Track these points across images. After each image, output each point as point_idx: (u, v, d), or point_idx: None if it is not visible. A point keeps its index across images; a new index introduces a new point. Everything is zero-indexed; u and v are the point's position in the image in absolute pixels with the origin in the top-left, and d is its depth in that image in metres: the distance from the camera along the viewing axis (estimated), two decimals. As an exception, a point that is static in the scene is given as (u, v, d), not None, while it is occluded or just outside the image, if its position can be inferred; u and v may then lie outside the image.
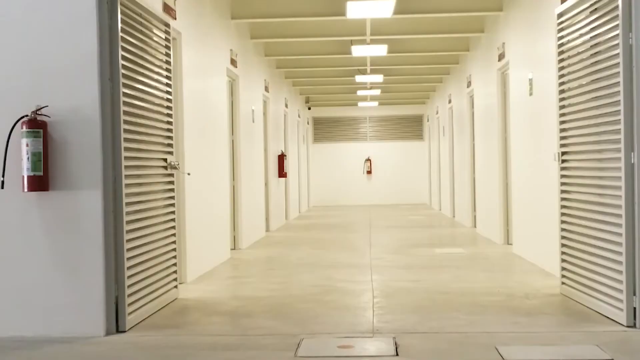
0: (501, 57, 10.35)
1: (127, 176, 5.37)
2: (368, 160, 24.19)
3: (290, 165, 17.32)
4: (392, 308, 6.04)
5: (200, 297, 6.72)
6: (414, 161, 24.15)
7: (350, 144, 24.30)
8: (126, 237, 5.29)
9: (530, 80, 8.49)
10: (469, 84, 13.66)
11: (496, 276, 7.72)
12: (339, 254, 9.88)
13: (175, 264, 6.53)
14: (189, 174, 7.43)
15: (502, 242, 10.67)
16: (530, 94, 8.52)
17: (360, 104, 22.61)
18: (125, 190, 5.30)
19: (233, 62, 10.33)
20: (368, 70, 15.86)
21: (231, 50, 10.22)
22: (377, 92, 19.00)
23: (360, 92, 19.06)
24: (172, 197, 6.53)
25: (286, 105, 16.85)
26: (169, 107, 6.50)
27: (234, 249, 10.73)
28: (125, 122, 5.37)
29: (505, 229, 10.66)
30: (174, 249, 6.53)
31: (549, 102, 7.58)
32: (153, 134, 6.05)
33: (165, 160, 6.34)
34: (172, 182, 6.53)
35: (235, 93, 10.79)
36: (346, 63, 15.04)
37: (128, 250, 5.34)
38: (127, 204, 5.35)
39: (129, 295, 5.33)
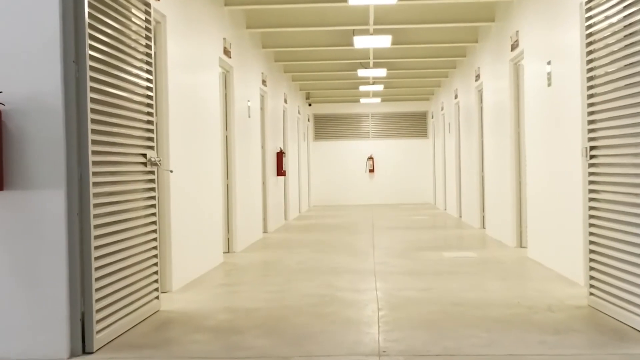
0: (514, 46, 9.64)
1: (96, 173, 4.67)
2: (370, 158, 23.49)
3: (289, 164, 16.63)
4: (400, 323, 5.34)
5: (185, 308, 6.02)
6: (417, 159, 23.44)
7: (352, 141, 23.60)
8: (94, 243, 4.59)
9: (549, 69, 7.79)
10: (477, 77, 12.95)
11: (513, 284, 7.02)
12: (340, 258, 9.18)
13: (156, 272, 5.84)
14: (171, 171, 6.74)
15: (515, 244, 9.98)
16: (549, 85, 7.82)
17: (362, 100, 21.91)
18: (93, 190, 4.60)
19: (226, 52, 9.64)
20: (371, 64, 15.16)
21: (224, 39, 9.52)
22: (379, 87, 18.30)
23: (362, 88, 18.37)
24: (153, 197, 5.84)
25: (285, 101, 16.15)
26: (149, 97, 5.80)
27: (228, 252, 10.05)
28: (94, 111, 4.67)
29: (518, 231, 9.96)
30: (155, 255, 5.84)
31: (572, 92, 6.88)
32: (130, 127, 5.36)
33: (144, 156, 5.64)
34: (153, 181, 5.84)
35: (230, 86, 10.10)
36: (348, 56, 14.34)
37: (97, 258, 4.64)
38: (96, 205, 4.66)
39: (98, 310, 4.64)
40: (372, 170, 23.52)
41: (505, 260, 8.70)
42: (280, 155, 14.48)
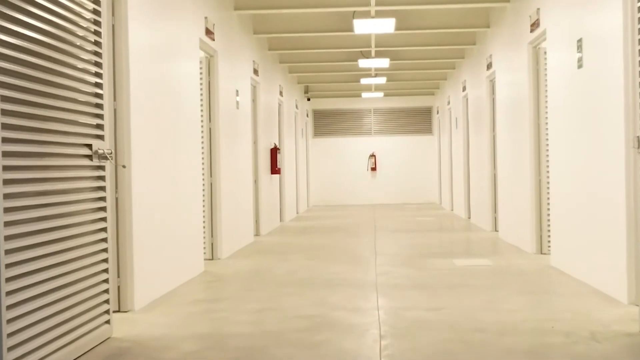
0: (534, 27, 8.52)
1: (8, 168, 3.57)
2: (372, 156, 22.38)
3: (285, 161, 15.52)
4: (408, 357, 4.23)
5: (144, 334, 4.92)
6: (422, 157, 22.33)
7: (353, 138, 22.48)
8: (5, 259, 3.49)
9: (580, 49, 6.67)
10: (489, 66, 11.83)
11: (540, 301, 5.90)
12: (338, 267, 8.08)
13: (106, 291, 4.73)
14: (124, 166, 5.62)
15: (535, 251, 8.86)
16: (580, 67, 6.70)
17: (364, 94, 20.79)
18: (4, 190, 3.50)
19: (209, 34, 8.54)
20: (372, 53, 14.04)
21: (206, 18, 8.41)
22: (382, 80, 17.18)
23: (363, 81, 17.24)
24: (103, 198, 4.73)
25: (281, 94, 15.04)
26: (97, 75, 4.70)
27: (212, 259, 8.94)
28: (4, 85, 3.57)
29: (539, 236, 8.84)
30: (105, 270, 4.73)
31: (613, 74, 5.77)
32: (67, 109, 4.25)
33: (89, 147, 4.54)
34: (102, 178, 4.73)
35: (214, 72, 8.99)
36: (348, 44, 13.23)
37: (9, 280, 3.53)
38: (8, 209, 3.55)
39: (11, 347, 3.53)
40: (374, 169, 22.41)
41: (526, 270, 7.58)
42: (274, 152, 13.38)
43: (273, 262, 8.67)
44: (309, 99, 20.54)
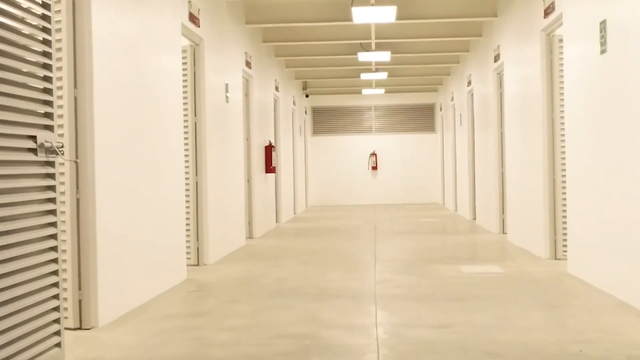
0: (548, 12, 7.81)
1: None
2: (373, 154, 21.67)
3: (282, 159, 14.82)
4: (411, 390, 3.52)
5: (103, 358, 4.21)
6: (424, 156, 21.61)
7: (353, 136, 21.77)
8: None
9: (603, 28, 5.95)
10: (496, 58, 11.12)
11: (562, 317, 5.19)
12: (334, 274, 7.37)
13: (56, 309, 4.03)
14: (76, 161, 4.91)
15: (548, 256, 8.15)
16: (603, 52, 5.98)
17: (364, 91, 20.07)
18: None
19: (193, 19, 7.83)
20: (373, 45, 13.33)
21: (189, 2, 7.70)
22: (383, 75, 16.45)
23: (364, 76, 16.51)
24: (52, 200, 4.03)
25: (277, 89, 14.33)
26: (46, 55, 3.99)
27: (197, 264, 8.24)
28: None
29: (553, 239, 8.14)
30: (55, 284, 4.03)
31: (636, 60, 5.05)
32: (6, 94, 3.55)
33: (33, 139, 3.83)
34: (51, 176, 4.03)
35: (199, 62, 8.28)
36: (347, 34, 12.52)
37: None
38: None
39: None
40: (375, 168, 21.70)
41: (540, 278, 6.86)
42: (269, 150, 12.67)
43: (263, 268, 7.96)
44: (307, 96, 19.83)
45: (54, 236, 4.03)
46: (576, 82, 6.81)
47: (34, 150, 3.84)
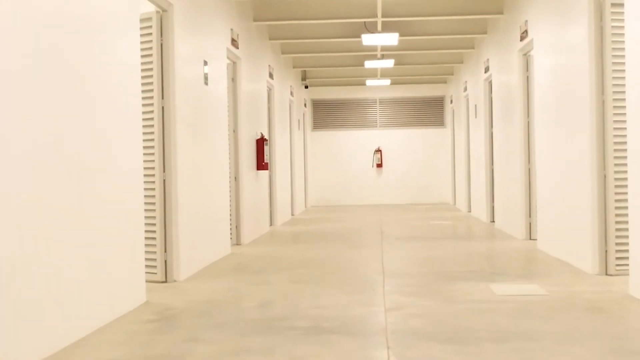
0: (600, -33, 6.27)
1: None
2: (378, 151, 20.12)
3: (277, 155, 13.28)
4: None
5: None
6: (433, 152, 20.06)
7: (356, 131, 20.22)
8: None
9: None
10: (523, 36, 9.56)
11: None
12: (331, 295, 5.84)
13: None
14: None
15: (597, 271, 6.61)
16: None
17: (368, 82, 18.50)
18: None
19: (158, -23, 6.30)
20: (379, 26, 11.78)
21: (151, -47, 6.18)
22: (389, 63, 14.88)
23: (368, 64, 14.94)
24: None
25: (271, 76, 12.80)
26: None
27: (165, 281, 6.71)
28: None
29: (603, 251, 6.59)
30: None
31: None
32: None
33: None
34: None
35: (167, 30, 6.75)
36: (350, 12, 10.99)
37: None
38: None
39: None
40: (379, 165, 20.15)
41: (598, 304, 5.32)
42: (261, 144, 11.14)
43: (246, 286, 6.42)
44: (306, 87, 18.27)
45: None
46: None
47: None
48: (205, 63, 7.93)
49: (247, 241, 10.21)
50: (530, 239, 9.78)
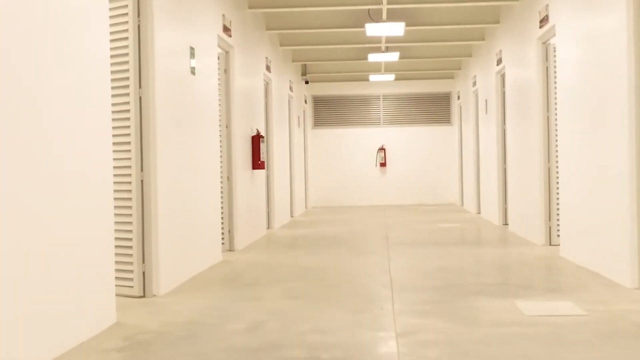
0: None
1: None
2: (382, 149, 19.29)
3: (274, 154, 12.46)
4: None
5: None
6: (439, 150, 19.24)
7: (359, 129, 19.39)
8: None
9: None
10: (543, 23, 8.72)
11: None
12: (331, 317, 5.01)
13: None
14: None
15: (637, 284, 5.78)
16: None
17: (371, 77, 17.66)
18: None
19: (132, -53, 5.47)
20: (383, 14, 10.95)
21: None
22: (394, 56, 14.03)
23: (372, 57, 14.10)
24: None
25: (268, 69, 11.97)
26: None
27: (143, 295, 5.88)
28: None
29: (644, 262, 5.76)
30: None
31: None
32: None
33: None
34: None
35: (146, 13, 5.91)
36: (351, -2, 10.18)
37: None
38: None
39: None
40: (383, 164, 19.32)
41: (649, 327, 4.49)
42: (257, 141, 10.31)
43: (234, 303, 5.60)
44: (307, 82, 17.43)
45: None
46: None
47: None
48: (192, 51, 7.10)
49: (241, 247, 9.38)
50: (551, 244, 8.95)
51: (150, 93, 5.89)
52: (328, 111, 19.35)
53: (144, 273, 5.90)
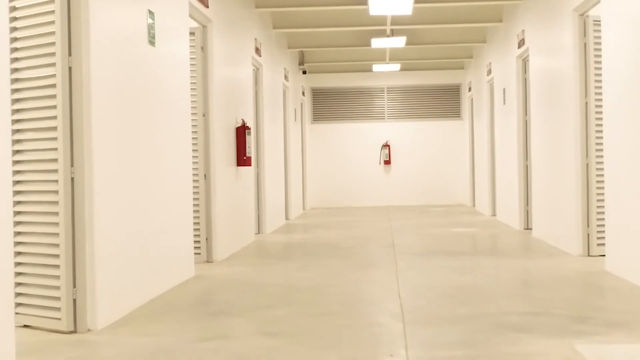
0: None
1: None
2: (386, 146, 17.85)
3: (265, 149, 11.01)
4: None
5: None
6: (448, 147, 17.80)
7: (362, 124, 17.95)
8: None
9: None
10: (582, -11, 7.26)
11: None
12: (322, 369, 3.57)
13: None
14: None
15: None
16: None
17: (375, 67, 16.21)
18: None
19: None
20: (390, -13, 9.49)
21: None
22: (400, 41, 12.58)
23: (375, 43, 12.64)
24: None
25: (258, 52, 10.52)
26: None
27: (74, 331, 4.43)
28: None
29: None
30: None
31: None
32: None
33: None
34: None
35: (77, -45, 4.47)
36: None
37: None
38: None
39: None
40: (387, 162, 17.87)
41: None
42: (242, 133, 8.87)
43: (188, 346, 4.14)
44: (304, 72, 15.98)
45: None
46: None
47: None
48: (151, 15, 5.65)
49: (221, 257, 7.94)
50: (589, 255, 7.50)
51: (83, 62, 4.45)
52: (328, 104, 17.90)
53: (74, 301, 4.45)
